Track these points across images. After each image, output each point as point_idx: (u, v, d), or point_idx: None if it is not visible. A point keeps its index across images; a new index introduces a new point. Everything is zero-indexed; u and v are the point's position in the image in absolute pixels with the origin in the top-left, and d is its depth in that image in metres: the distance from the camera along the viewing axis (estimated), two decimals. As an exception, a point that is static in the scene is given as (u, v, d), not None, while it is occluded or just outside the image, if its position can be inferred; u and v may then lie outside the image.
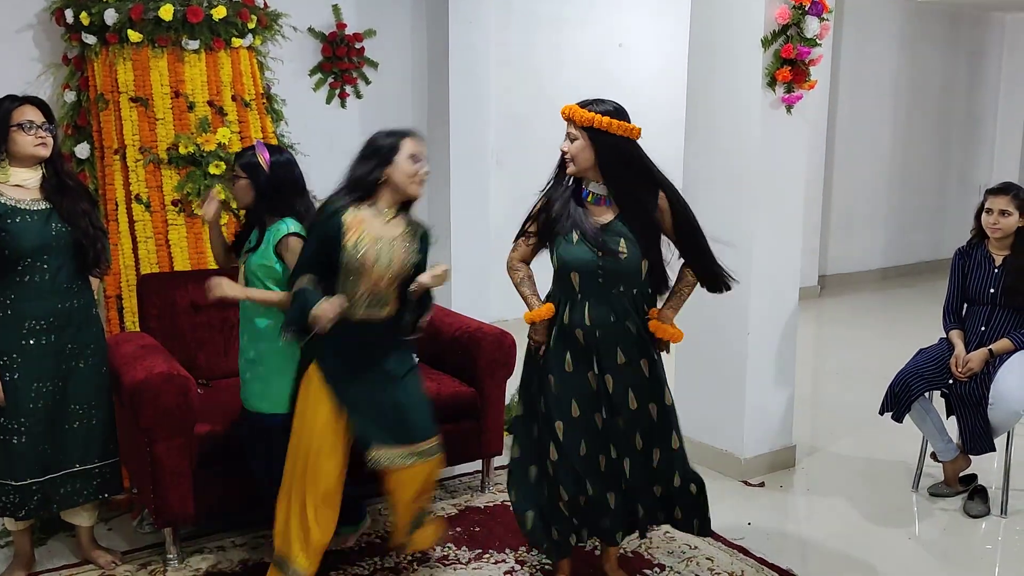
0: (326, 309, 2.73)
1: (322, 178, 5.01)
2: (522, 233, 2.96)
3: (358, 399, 2.88)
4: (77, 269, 3.01)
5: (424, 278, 2.89)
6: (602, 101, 2.79)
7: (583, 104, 2.78)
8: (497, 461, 3.98)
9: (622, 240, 2.78)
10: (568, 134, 2.80)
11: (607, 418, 2.87)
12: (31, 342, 2.93)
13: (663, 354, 2.95)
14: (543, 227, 2.87)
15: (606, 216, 2.82)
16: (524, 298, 2.96)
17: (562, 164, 2.86)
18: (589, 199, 2.84)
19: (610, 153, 2.76)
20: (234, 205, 3.74)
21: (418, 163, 2.88)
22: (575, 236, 2.79)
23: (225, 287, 2.92)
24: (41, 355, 2.95)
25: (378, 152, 2.86)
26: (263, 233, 3.06)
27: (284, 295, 2.94)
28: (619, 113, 2.77)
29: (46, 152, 2.94)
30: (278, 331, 2.91)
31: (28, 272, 2.90)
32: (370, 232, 2.83)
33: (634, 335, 2.84)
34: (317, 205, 3.08)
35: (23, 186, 2.93)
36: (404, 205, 2.94)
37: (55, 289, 2.95)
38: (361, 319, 2.87)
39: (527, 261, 3.00)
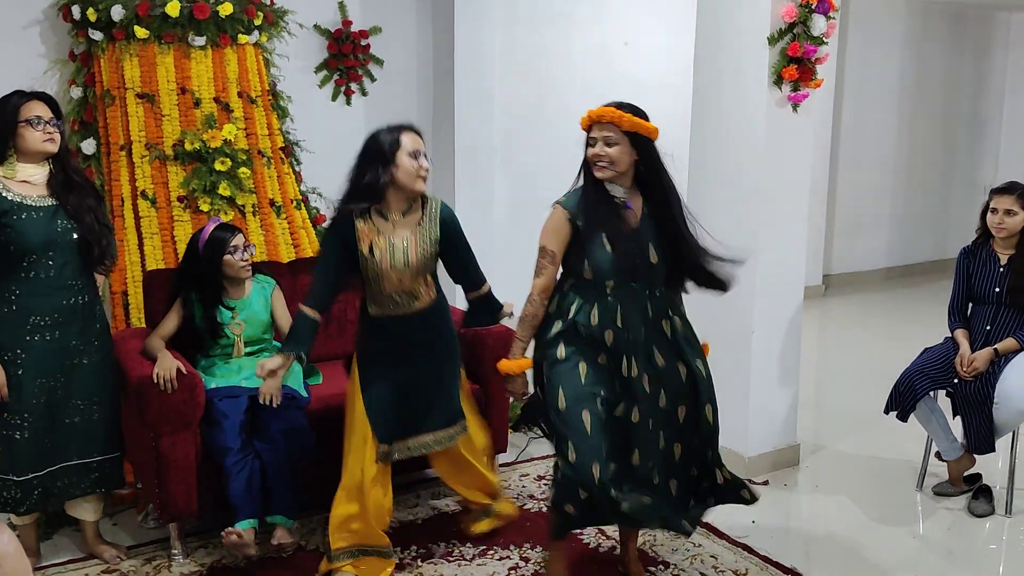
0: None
1: (327, 175, 5.04)
2: (549, 259, 2.80)
3: (381, 392, 3.07)
4: (82, 266, 3.02)
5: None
6: (630, 104, 2.74)
7: (619, 107, 2.71)
8: (502, 458, 3.99)
9: (651, 244, 2.76)
10: (604, 138, 2.68)
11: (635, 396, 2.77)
12: (35, 338, 2.94)
13: None
14: (575, 236, 2.76)
15: (632, 219, 2.77)
16: (518, 340, 2.88)
17: (587, 169, 2.77)
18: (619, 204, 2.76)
19: (648, 157, 2.74)
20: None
21: (418, 159, 2.91)
22: (606, 242, 2.71)
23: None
24: (45, 351, 2.96)
25: (381, 153, 2.89)
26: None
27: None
28: (646, 113, 2.75)
29: (54, 148, 2.95)
30: None
31: (33, 268, 2.91)
32: (382, 237, 2.94)
33: (668, 337, 2.82)
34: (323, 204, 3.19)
35: (30, 182, 2.93)
36: (413, 199, 3.00)
37: (60, 285, 2.96)
38: (395, 315, 3.03)
39: (549, 295, 2.84)
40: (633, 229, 2.75)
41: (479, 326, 3.40)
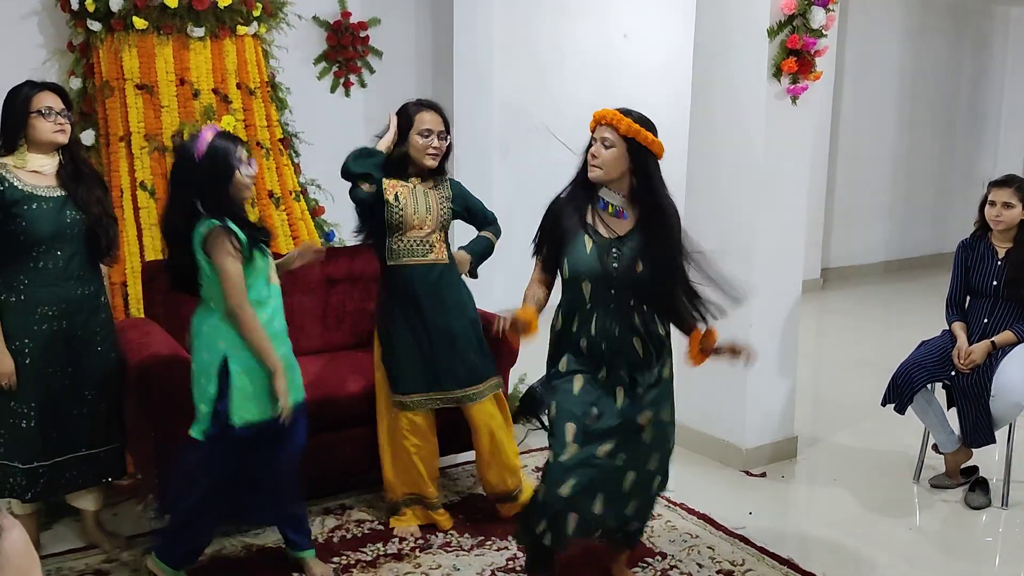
0: None
1: (326, 167, 5.04)
2: (536, 251, 2.82)
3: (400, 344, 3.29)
4: (89, 256, 3.04)
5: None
6: (638, 113, 2.67)
7: (623, 112, 2.65)
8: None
9: (637, 256, 2.67)
10: (603, 139, 2.63)
11: (617, 428, 2.73)
12: (43, 327, 2.95)
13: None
14: (552, 234, 2.74)
15: (621, 228, 2.70)
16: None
17: (583, 169, 2.72)
18: (609, 210, 2.71)
19: (643, 169, 2.66)
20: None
21: (428, 137, 3.20)
22: (588, 244, 2.67)
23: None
24: (52, 341, 2.97)
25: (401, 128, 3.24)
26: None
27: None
28: (655, 127, 2.68)
29: (64, 139, 2.96)
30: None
31: (42, 258, 2.92)
32: (405, 187, 3.24)
33: (639, 353, 2.74)
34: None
35: (40, 172, 2.95)
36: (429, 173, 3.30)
37: (67, 276, 2.97)
38: (408, 264, 3.23)
39: (546, 284, 2.82)
40: (617, 236, 2.68)
41: (473, 254, 3.53)
